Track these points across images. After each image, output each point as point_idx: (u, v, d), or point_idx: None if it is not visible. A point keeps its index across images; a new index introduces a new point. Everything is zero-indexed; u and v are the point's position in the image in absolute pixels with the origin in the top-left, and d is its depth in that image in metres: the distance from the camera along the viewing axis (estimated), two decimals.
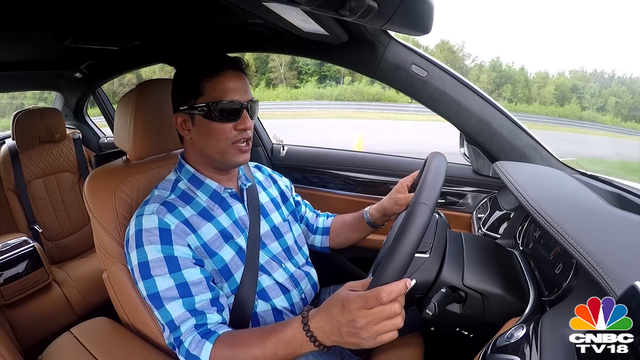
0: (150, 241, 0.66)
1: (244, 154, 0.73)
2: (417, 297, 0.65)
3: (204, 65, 0.70)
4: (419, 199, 0.52)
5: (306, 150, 1.58)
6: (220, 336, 0.63)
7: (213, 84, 0.69)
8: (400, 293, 0.47)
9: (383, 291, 0.47)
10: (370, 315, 0.48)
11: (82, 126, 2.13)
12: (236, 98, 0.70)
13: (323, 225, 1.02)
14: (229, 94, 0.69)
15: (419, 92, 1.02)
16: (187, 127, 0.73)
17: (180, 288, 0.65)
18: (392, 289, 0.47)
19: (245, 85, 0.72)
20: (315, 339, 0.53)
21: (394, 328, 0.49)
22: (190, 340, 0.62)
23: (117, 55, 1.47)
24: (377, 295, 0.47)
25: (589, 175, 0.96)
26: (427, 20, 0.71)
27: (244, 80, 0.73)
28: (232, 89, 0.69)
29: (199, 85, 0.69)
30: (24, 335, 1.25)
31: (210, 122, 0.70)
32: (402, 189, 0.86)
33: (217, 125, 0.70)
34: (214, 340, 0.62)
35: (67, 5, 0.88)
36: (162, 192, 0.74)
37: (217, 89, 0.69)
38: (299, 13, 0.66)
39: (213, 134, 0.70)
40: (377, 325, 0.48)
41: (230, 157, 0.72)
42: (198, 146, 0.74)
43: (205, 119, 0.70)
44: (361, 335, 0.49)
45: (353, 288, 0.52)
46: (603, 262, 0.45)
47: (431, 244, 0.69)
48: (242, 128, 0.71)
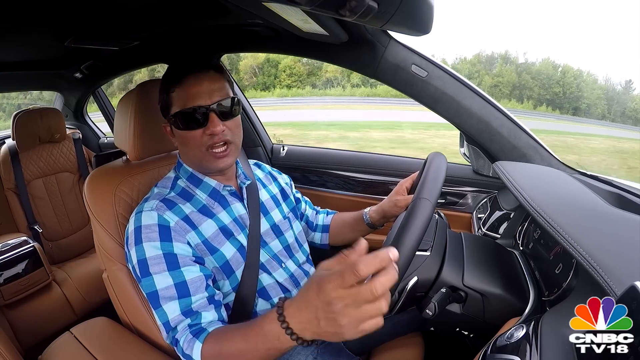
0: (149, 238, 0.66)
1: (222, 159, 0.71)
2: (418, 295, 0.65)
3: (169, 76, 0.71)
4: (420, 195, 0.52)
5: (306, 150, 1.58)
6: (209, 333, 0.62)
7: (178, 93, 0.69)
8: (380, 264, 0.39)
9: (360, 262, 0.39)
10: (348, 296, 0.40)
11: (82, 126, 2.13)
12: (199, 103, 0.68)
13: (323, 222, 1.02)
14: (190, 101, 0.68)
15: (418, 92, 1.02)
16: (172, 135, 0.76)
17: (179, 287, 0.64)
18: (371, 260, 0.39)
19: (209, 87, 0.69)
20: (292, 331, 0.47)
21: (378, 313, 0.41)
22: (183, 340, 0.62)
23: (117, 55, 1.47)
24: (353, 267, 0.39)
25: (589, 175, 0.96)
26: (427, 21, 0.71)
27: (209, 83, 0.69)
28: (194, 95, 0.68)
29: (168, 96, 0.71)
30: (24, 335, 1.25)
31: (180, 131, 0.71)
32: (402, 191, 0.86)
33: (186, 133, 0.70)
34: (203, 338, 0.61)
35: (66, 5, 0.88)
36: (162, 190, 0.74)
37: (181, 97, 0.69)
38: (299, 13, 0.66)
39: (186, 142, 0.72)
40: (358, 309, 0.40)
41: (207, 163, 0.72)
42: (182, 152, 0.78)
43: (176, 129, 0.72)
44: (339, 321, 0.41)
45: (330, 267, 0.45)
46: (603, 262, 0.45)
47: (432, 242, 0.69)
48: (210, 133, 0.69)
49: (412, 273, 0.62)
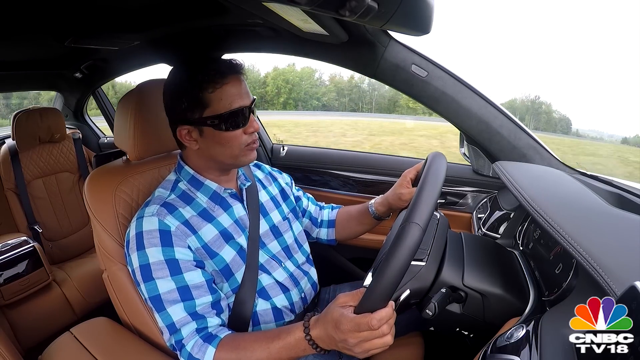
0: (151, 243, 0.66)
1: (254, 152, 0.74)
2: (412, 302, 0.65)
3: (205, 76, 0.66)
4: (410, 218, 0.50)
5: (306, 150, 1.58)
6: (222, 340, 0.63)
7: (218, 94, 0.67)
8: (389, 317, 0.51)
9: (374, 319, 0.50)
10: (361, 336, 0.51)
11: (82, 126, 2.13)
12: (242, 104, 0.68)
13: (328, 217, 1.01)
14: (235, 102, 0.67)
15: (418, 92, 1.02)
16: (194, 138, 0.71)
17: (182, 291, 0.65)
18: (382, 316, 0.50)
19: (246, 87, 0.72)
20: (317, 345, 0.57)
21: (384, 345, 0.52)
22: (192, 344, 0.63)
23: (117, 55, 1.47)
24: (368, 322, 0.50)
25: (589, 175, 0.96)
26: (427, 21, 0.71)
27: (244, 83, 0.71)
28: (237, 96, 0.68)
29: (202, 97, 0.67)
30: (24, 335, 1.25)
31: (221, 132, 0.69)
32: (406, 183, 0.85)
33: (228, 134, 0.69)
34: (216, 344, 0.63)
35: (66, 6, 0.87)
36: (162, 193, 0.74)
37: (222, 99, 0.67)
38: (299, 13, 0.66)
39: (225, 143, 0.70)
40: (368, 343, 0.52)
41: (243, 158, 0.73)
42: (208, 155, 0.73)
43: (216, 130, 0.68)
44: (354, 350, 0.53)
45: (345, 304, 0.54)
46: (603, 262, 0.45)
47: (428, 250, 0.68)
48: (252, 131, 0.71)
49: (406, 284, 0.62)
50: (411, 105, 22.48)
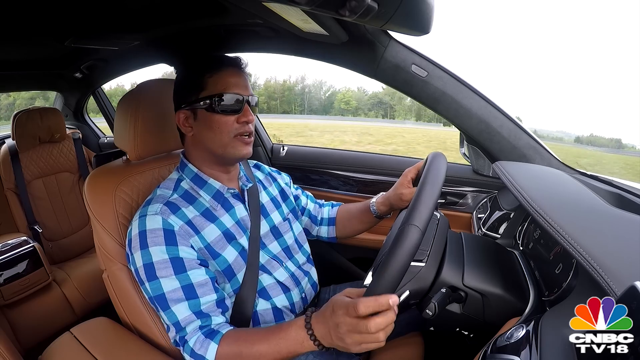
0: (155, 242, 0.66)
1: (246, 147, 0.74)
2: (412, 303, 0.65)
3: (206, 62, 0.72)
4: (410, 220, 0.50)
5: (306, 150, 1.58)
6: (224, 335, 0.64)
7: (215, 78, 0.71)
8: (379, 308, 0.48)
9: (361, 303, 0.48)
10: (350, 324, 0.50)
11: (82, 126, 2.13)
12: (238, 91, 0.71)
13: (328, 215, 1.01)
14: (230, 88, 0.71)
15: (418, 92, 1.02)
16: (190, 124, 0.74)
17: (186, 289, 0.65)
18: (370, 303, 0.48)
19: (246, 81, 0.74)
20: (316, 337, 0.56)
21: (376, 341, 0.50)
22: (194, 340, 0.63)
23: (117, 55, 1.47)
24: (355, 305, 0.49)
25: (589, 175, 0.96)
26: (427, 21, 0.71)
27: (244, 77, 0.74)
28: (234, 84, 0.71)
29: (201, 80, 0.71)
30: (24, 335, 1.25)
31: (213, 115, 0.71)
32: (407, 183, 0.85)
33: (220, 117, 0.71)
34: (218, 339, 0.63)
35: (66, 6, 0.88)
36: (165, 192, 0.74)
37: (219, 83, 0.70)
38: (299, 13, 0.66)
39: (216, 127, 0.71)
40: (358, 335, 0.50)
41: (232, 149, 0.73)
42: (200, 141, 0.74)
43: (208, 112, 0.71)
44: (345, 340, 0.51)
45: (349, 294, 0.54)
46: (603, 262, 0.45)
47: (428, 250, 0.68)
48: (245, 120, 0.72)
49: (405, 285, 0.62)
50: (343, 106, 23.83)
